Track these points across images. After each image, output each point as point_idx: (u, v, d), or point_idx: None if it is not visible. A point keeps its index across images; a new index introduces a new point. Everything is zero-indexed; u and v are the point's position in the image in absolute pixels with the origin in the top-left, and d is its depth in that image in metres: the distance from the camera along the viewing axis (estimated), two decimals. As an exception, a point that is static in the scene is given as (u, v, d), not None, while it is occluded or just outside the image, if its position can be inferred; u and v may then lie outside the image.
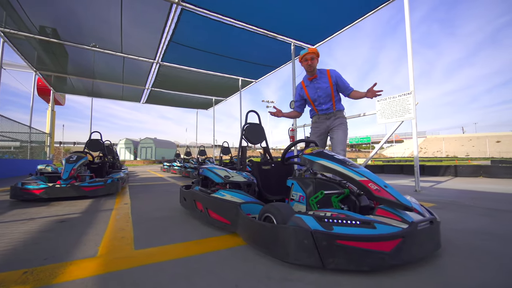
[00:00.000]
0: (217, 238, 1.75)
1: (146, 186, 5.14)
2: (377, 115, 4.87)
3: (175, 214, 2.51)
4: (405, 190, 4.44)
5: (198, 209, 2.16)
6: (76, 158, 3.68)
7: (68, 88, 11.92)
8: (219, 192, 1.99)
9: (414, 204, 1.48)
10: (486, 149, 48.64)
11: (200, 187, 2.40)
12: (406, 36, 4.39)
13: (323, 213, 1.34)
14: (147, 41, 6.77)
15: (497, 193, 3.97)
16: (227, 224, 1.79)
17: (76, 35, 6.53)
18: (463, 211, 2.60)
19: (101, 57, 7.75)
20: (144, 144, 37.85)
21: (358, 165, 1.61)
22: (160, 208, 2.83)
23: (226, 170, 2.24)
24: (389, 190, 1.38)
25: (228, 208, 1.77)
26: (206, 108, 15.55)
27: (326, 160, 1.67)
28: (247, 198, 1.84)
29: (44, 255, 1.46)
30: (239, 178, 2.10)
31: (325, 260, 1.18)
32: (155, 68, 8.65)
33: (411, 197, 1.69)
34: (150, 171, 12.14)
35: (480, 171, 7.43)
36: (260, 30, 6.07)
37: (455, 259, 1.36)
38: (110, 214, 2.51)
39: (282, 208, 1.45)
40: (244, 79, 9.84)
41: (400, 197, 1.36)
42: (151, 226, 2.09)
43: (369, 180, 1.45)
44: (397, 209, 1.34)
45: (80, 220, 2.28)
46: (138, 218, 2.35)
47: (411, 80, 4.26)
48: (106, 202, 3.18)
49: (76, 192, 3.30)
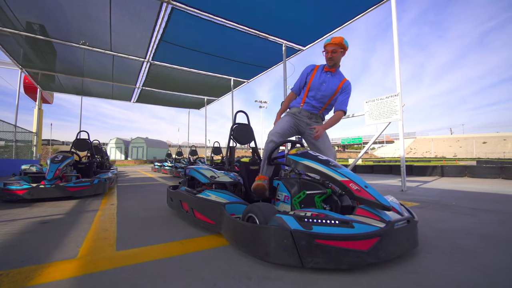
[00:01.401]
0: (201, 238, 1.75)
1: (135, 186, 5.08)
2: (366, 116, 4.95)
3: (161, 214, 2.50)
4: (392, 190, 4.53)
5: (184, 209, 2.16)
6: (61, 158, 3.61)
7: (56, 86, 11.64)
8: (205, 192, 1.99)
9: (393, 204, 1.52)
10: (473, 150, 50.02)
11: (186, 187, 2.40)
12: (393, 40, 4.49)
13: (303, 213, 1.36)
14: (137, 39, 6.68)
15: (480, 192, 4.10)
16: (211, 225, 1.79)
17: (64, 31, 6.39)
18: (445, 210, 2.67)
19: (90, 55, 7.60)
20: (135, 144, 37.33)
21: (340, 166, 1.64)
22: (147, 209, 2.80)
23: (212, 170, 2.25)
24: (369, 191, 1.42)
25: (212, 208, 1.78)
26: (198, 108, 15.45)
27: (310, 161, 1.70)
28: (232, 198, 1.85)
29: (22, 257, 1.43)
30: (225, 179, 2.11)
31: (304, 259, 1.20)
32: (145, 67, 8.54)
33: (392, 197, 1.73)
34: (141, 171, 12.00)
35: (466, 171, 7.64)
36: (252, 31, 6.08)
37: (431, 257, 1.40)
38: (95, 215, 2.48)
39: (264, 208, 1.47)
40: (236, 79, 9.83)
41: (379, 197, 1.39)
42: (136, 226, 2.07)
43: (350, 180, 1.48)
44: (376, 209, 1.38)
45: (63, 221, 2.25)
46: (123, 219, 2.33)
47: (398, 82, 4.35)
48: (92, 203, 3.13)
49: (61, 192, 3.24)
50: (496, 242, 1.64)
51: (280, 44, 6.83)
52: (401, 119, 4.33)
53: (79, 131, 5.01)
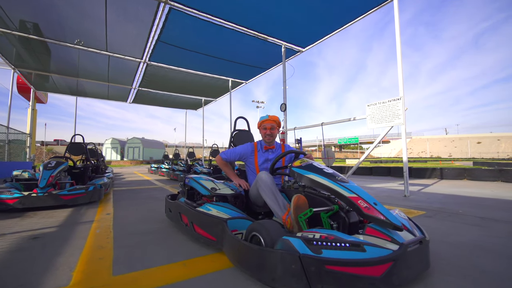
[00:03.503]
0: (204, 258, 1.65)
1: (132, 192, 4.94)
2: (367, 119, 4.88)
3: (160, 227, 2.38)
4: (394, 195, 4.47)
5: (184, 222, 2.05)
6: (54, 164, 3.46)
7: (50, 87, 11.38)
8: (205, 205, 1.89)
9: (402, 220, 1.44)
10: (468, 150, 50.53)
11: (186, 198, 2.28)
12: (396, 44, 4.41)
13: (311, 234, 1.27)
14: (134, 39, 6.53)
15: (484, 198, 4.05)
16: (212, 241, 1.70)
17: (58, 31, 6.21)
18: (453, 220, 2.60)
19: (85, 55, 7.42)
20: (131, 144, 36.89)
21: (347, 180, 1.56)
22: (144, 219, 2.69)
23: (213, 181, 2.14)
24: (378, 208, 1.34)
25: (213, 224, 1.69)
26: (195, 109, 15.29)
27: (315, 174, 1.61)
28: (234, 213, 1.76)
29: (13, 283, 1.31)
30: (226, 191, 2.00)
31: (313, 285, 1.13)
32: (142, 67, 8.38)
33: (399, 211, 1.65)
34: (137, 173, 11.82)
35: (464, 173, 7.64)
36: (251, 32, 5.97)
37: (448, 280, 1.31)
38: (90, 227, 2.35)
39: (270, 227, 1.39)
40: (234, 80, 9.71)
41: (390, 215, 1.32)
42: (134, 242, 1.96)
43: (358, 197, 1.40)
44: (387, 228, 1.30)
45: (55, 236, 2.12)
46: (120, 232, 2.21)
47: (401, 86, 4.28)
48: (87, 212, 3.00)
49: (55, 201, 3.10)
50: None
51: (279, 45, 6.74)
52: (403, 123, 4.27)
53: (74, 135, 4.86)
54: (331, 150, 6.96)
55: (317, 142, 62.45)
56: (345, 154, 62.86)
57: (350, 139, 48.74)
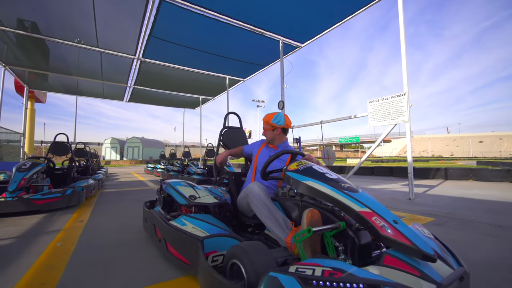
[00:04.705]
0: (174, 282, 1.35)
1: (119, 194, 4.66)
2: (369, 117, 4.59)
3: (134, 238, 2.09)
4: (398, 197, 4.18)
5: (158, 237, 1.75)
6: (29, 165, 3.19)
7: (43, 85, 11.13)
8: (180, 219, 1.57)
9: (431, 243, 1.11)
10: (470, 149, 50.07)
11: (161, 208, 1.98)
12: (400, 37, 4.13)
13: (310, 268, 0.94)
14: (126, 34, 6.26)
15: (495, 201, 3.76)
16: (186, 264, 1.39)
17: (45, 26, 5.94)
18: (467, 229, 2.31)
19: (76, 51, 7.14)
20: (131, 144, 36.68)
21: (356, 189, 1.20)
22: (120, 228, 2.40)
23: (194, 187, 1.82)
24: (400, 228, 0.98)
25: (187, 244, 1.36)
26: (193, 108, 15.01)
27: (315, 181, 1.27)
28: (214, 228, 1.44)
29: None
30: (207, 199, 1.69)
31: None
32: (136, 64, 8.11)
33: (420, 226, 1.34)
34: (133, 173, 11.56)
35: (470, 174, 7.34)
36: (247, 26, 5.69)
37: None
38: (53, 238, 2.06)
39: (255, 255, 1.06)
40: (231, 78, 9.43)
41: (417, 238, 0.95)
42: (94, 260, 1.67)
43: (372, 212, 1.05)
44: (413, 257, 0.95)
45: (7, 250, 1.83)
46: (84, 245, 1.93)
47: (405, 80, 3.99)
48: (59, 219, 2.71)
49: (26, 206, 2.82)
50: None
51: (277, 41, 6.45)
52: (408, 120, 3.98)
53: (57, 134, 4.59)
54: (332, 149, 6.68)
55: (318, 141, 62.10)
56: (346, 154, 62.47)
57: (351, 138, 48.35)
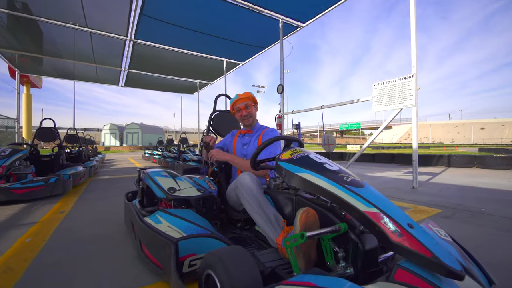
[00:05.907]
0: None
1: (111, 181, 4.49)
2: (373, 101, 4.33)
3: (113, 232, 1.91)
4: (401, 186, 4.00)
5: (134, 233, 1.56)
6: (9, 152, 2.98)
7: (35, 69, 10.76)
8: (155, 215, 1.37)
9: (452, 250, 0.91)
10: (471, 136, 49.72)
11: (138, 200, 1.78)
12: (410, 13, 3.78)
13: None
14: (115, 13, 5.86)
15: (504, 190, 3.58)
16: (159, 268, 1.19)
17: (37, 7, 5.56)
18: (479, 223, 2.13)
19: (65, 32, 6.75)
20: (130, 130, 36.47)
21: (361, 183, 0.96)
22: (102, 219, 2.22)
23: (175, 177, 1.61)
24: (417, 235, 0.76)
25: (160, 246, 1.16)
26: (191, 93, 14.62)
27: (311, 173, 1.02)
28: (193, 227, 1.23)
29: None
30: (188, 192, 1.49)
31: None
32: (129, 46, 7.72)
33: (435, 226, 1.14)
34: (130, 159, 11.42)
35: (474, 161, 7.14)
36: (244, 3, 5.29)
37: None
38: (24, 232, 1.88)
39: (234, 267, 0.85)
40: (229, 61, 9.04)
41: (439, 250, 0.72)
42: (61, 259, 1.49)
43: (381, 212, 0.83)
44: (432, 272, 0.72)
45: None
46: (57, 241, 1.75)
47: (414, 61, 3.69)
48: (39, 210, 2.53)
49: (4, 196, 2.64)
50: None
51: (277, 20, 6.04)
52: (415, 105, 3.72)
53: (42, 119, 4.34)
54: (332, 136, 6.45)
55: (318, 127, 61.71)
56: (346, 140, 62.22)
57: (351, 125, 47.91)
